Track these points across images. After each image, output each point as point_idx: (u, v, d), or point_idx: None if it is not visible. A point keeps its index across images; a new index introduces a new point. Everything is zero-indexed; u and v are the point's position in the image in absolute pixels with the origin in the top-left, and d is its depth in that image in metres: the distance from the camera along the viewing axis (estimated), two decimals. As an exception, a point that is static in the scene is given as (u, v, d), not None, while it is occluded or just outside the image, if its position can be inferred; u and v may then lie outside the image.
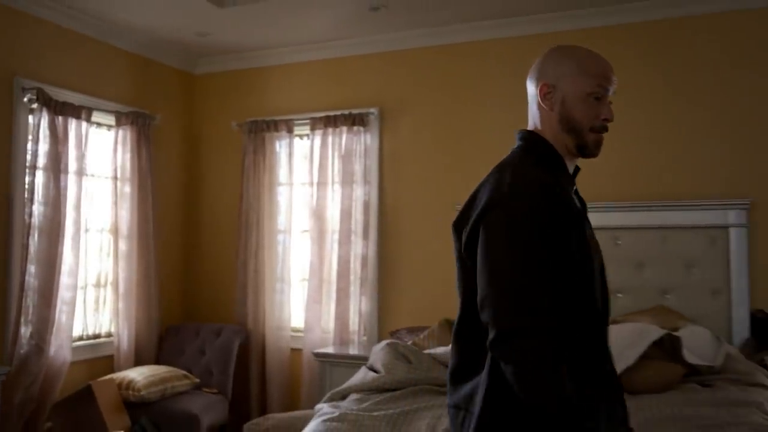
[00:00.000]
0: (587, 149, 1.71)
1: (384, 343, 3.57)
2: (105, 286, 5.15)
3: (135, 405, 4.53)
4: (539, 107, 1.77)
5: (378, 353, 3.44)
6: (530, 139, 1.77)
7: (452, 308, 4.77)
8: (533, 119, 1.80)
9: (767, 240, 4.25)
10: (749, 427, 2.54)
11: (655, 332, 3.23)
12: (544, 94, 1.75)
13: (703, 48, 4.48)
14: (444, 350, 3.46)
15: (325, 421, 2.79)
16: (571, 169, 1.77)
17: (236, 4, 4.66)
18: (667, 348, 3.21)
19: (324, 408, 2.99)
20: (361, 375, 3.34)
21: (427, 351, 3.49)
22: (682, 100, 4.50)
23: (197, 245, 5.90)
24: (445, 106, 5.13)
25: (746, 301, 4.20)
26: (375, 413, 2.80)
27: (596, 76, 1.70)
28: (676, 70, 4.51)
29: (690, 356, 3.26)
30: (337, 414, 2.83)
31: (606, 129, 1.71)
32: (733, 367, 3.32)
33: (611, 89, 1.71)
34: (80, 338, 4.90)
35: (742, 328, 4.17)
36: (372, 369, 3.37)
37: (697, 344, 3.43)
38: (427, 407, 2.85)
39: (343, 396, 3.17)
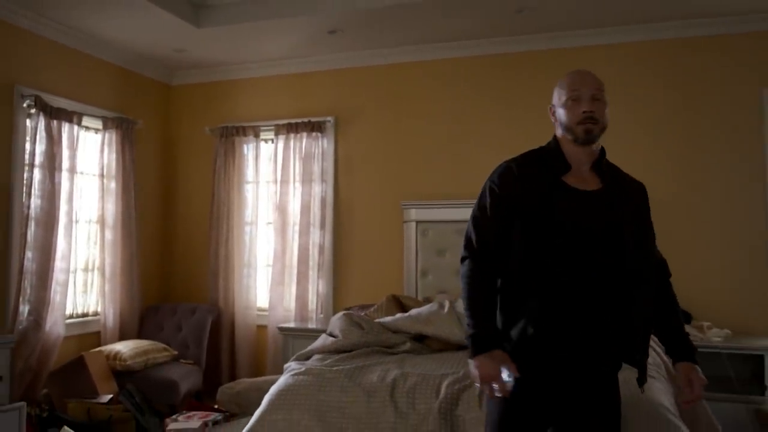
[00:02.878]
0: (579, 138, 2.07)
1: (341, 313, 3.78)
2: (92, 270, 5.18)
3: (121, 374, 4.61)
4: (553, 122, 2.18)
5: (336, 322, 3.66)
6: (550, 141, 2.18)
7: (396, 287, 5.09)
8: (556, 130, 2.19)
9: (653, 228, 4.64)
10: (626, 371, 2.85)
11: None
12: (551, 114, 2.17)
13: (598, 73, 4.84)
14: (390, 319, 3.69)
15: (293, 375, 3.02)
16: (585, 155, 2.11)
17: (211, 25, 4.77)
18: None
19: (292, 365, 3.21)
20: (322, 340, 3.54)
21: (377, 320, 3.70)
22: None
23: (174, 235, 5.92)
24: (391, 117, 5.30)
25: None
26: (335, 368, 3.02)
27: (568, 86, 2.10)
28: None
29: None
30: (303, 369, 3.05)
31: (591, 119, 2.05)
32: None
33: (585, 91, 2.07)
34: (71, 316, 4.93)
35: None
36: (331, 335, 3.56)
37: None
38: (378, 363, 3.09)
39: (307, 357, 3.36)
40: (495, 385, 1.94)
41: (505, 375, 1.93)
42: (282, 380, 3.04)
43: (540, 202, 2.01)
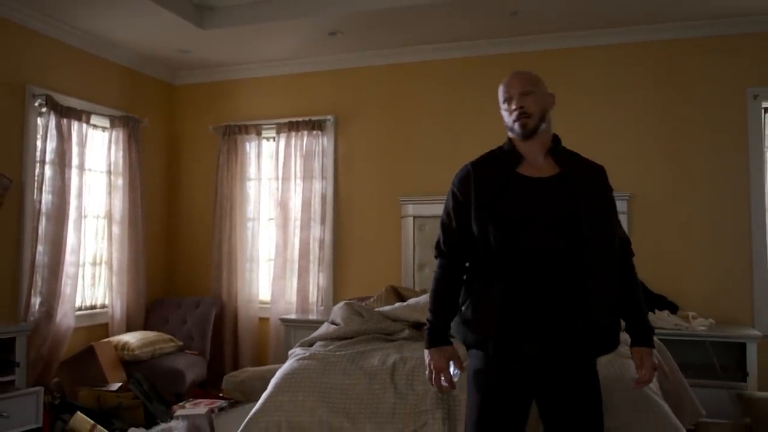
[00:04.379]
0: (519, 134, 2.19)
1: (342, 303, 3.93)
2: (100, 264, 5.30)
3: (129, 363, 4.72)
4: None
5: (337, 311, 3.81)
6: (505, 141, 2.30)
7: (394, 280, 5.22)
8: None
9: (642, 224, 4.78)
10: (612, 354, 2.99)
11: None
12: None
13: (583, 74, 4.99)
14: (389, 308, 3.84)
15: (298, 359, 3.16)
16: (536, 147, 2.20)
17: (215, 27, 4.90)
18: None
19: (296, 351, 3.34)
20: (324, 328, 3.69)
21: (376, 309, 3.84)
22: (575, 117, 4.95)
23: (178, 230, 6.03)
24: (390, 115, 5.43)
25: None
26: (338, 353, 3.16)
27: (501, 91, 2.25)
28: (573, 94, 4.97)
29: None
30: (308, 354, 3.20)
31: (523, 114, 2.16)
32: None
33: (514, 91, 2.20)
34: (80, 308, 5.04)
35: None
36: (333, 323, 3.71)
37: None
38: (378, 348, 3.24)
39: (311, 344, 3.51)
40: (442, 376, 2.13)
41: (451, 369, 2.12)
42: (287, 365, 3.18)
43: (495, 195, 2.13)
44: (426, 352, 2.19)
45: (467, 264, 2.23)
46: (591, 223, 2.09)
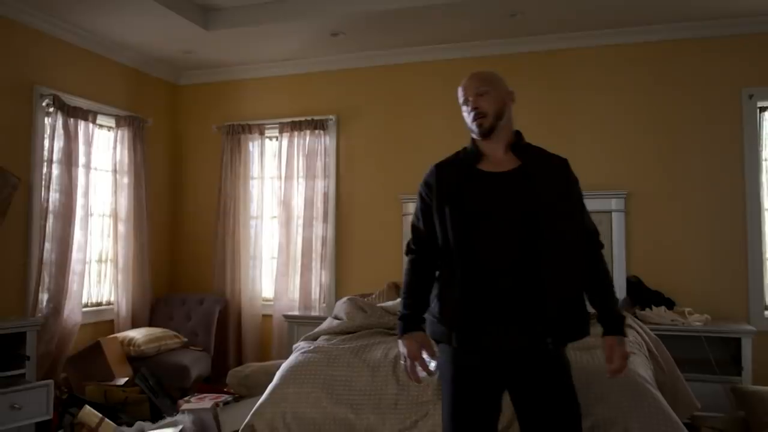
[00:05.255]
0: (477, 133, 2.26)
1: (345, 298, 4.02)
2: (106, 262, 5.37)
3: (135, 359, 4.79)
4: None
5: (341, 306, 3.89)
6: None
7: (395, 276, 5.28)
8: None
9: (639, 222, 4.86)
10: None
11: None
12: None
13: (581, 75, 5.07)
14: (391, 303, 3.92)
15: (303, 353, 3.25)
16: (496, 144, 2.26)
17: (219, 28, 4.97)
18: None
19: (301, 345, 3.44)
20: (328, 322, 3.77)
21: (378, 304, 3.92)
22: (574, 117, 5.04)
23: (183, 228, 6.10)
24: (391, 115, 5.50)
25: (623, 270, 4.77)
26: (341, 347, 3.26)
27: (459, 94, 2.31)
28: (572, 94, 5.06)
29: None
30: (312, 347, 3.30)
31: (479, 115, 2.22)
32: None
33: (469, 93, 2.27)
34: (86, 305, 5.09)
35: (620, 290, 4.68)
36: (336, 318, 3.80)
37: (583, 298, 3.99)
38: (381, 342, 3.32)
39: (315, 338, 3.60)
40: (417, 363, 2.19)
41: (425, 355, 2.18)
42: (293, 358, 3.27)
43: (454, 192, 2.20)
44: (399, 342, 2.24)
45: (438, 261, 2.28)
46: (549, 215, 2.11)
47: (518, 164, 2.22)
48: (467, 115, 2.28)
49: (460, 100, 2.31)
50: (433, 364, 2.18)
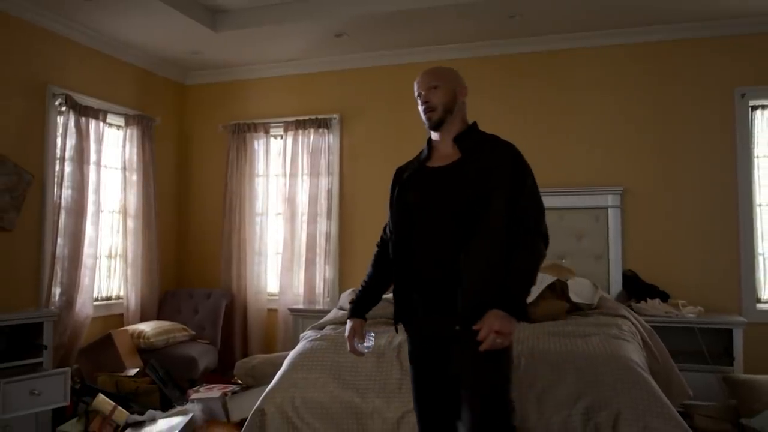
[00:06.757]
0: (427, 127, 2.43)
1: (350, 290, 4.16)
2: (116, 257, 5.49)
3: (145, 351, 4.92)
4: None
5: (346, 297, 4.03)
6: None
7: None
8: None
9: (634, 217, 4.98)
10: (604, 335, 3.21)
11: (549, 279, 3.86)
12: None
13: (578, 75, 5.19)
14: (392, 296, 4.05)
15: (311, 341, 3.38)
16: (445, 137, 2.40)
17: (227, 29, 5.10)
18: (557, 290, 3.85)
19: (309, 333, 3.57)
20: (333, 313, 3.90)
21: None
22: (571, 115, 5.16)
23: (190, 225, 6.21)
24: (392, 114, 5.60)
25: (620, 264, 4.91)
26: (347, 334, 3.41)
27: (414, 89, 2.44)
28: (569, 93, 5.19)
29: (574, 297, 3.93)
30: (319, 335, 3.43)
31: (428, 109, 2.36)
32: (605, 305, 4.01)
33: (421, 89, 2.40)
34: (96, 299, 5.21)
35: (617, 284, 4.87)
36: (341, 309, 3.94)
37: (580, 289, 4.10)
38: (385, 331, 3.41)
39: (322, 327, 3.72)
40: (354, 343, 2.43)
41: (355, 341, 2.45)
42: (300, 345, 3.40)
43: (401, 189, 2.39)
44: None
45: None
46: (475, 208, 2.16)
47: (458, 157, 2.32)
48: (419, 110, 2.42)
49: (415, 94, 2.45)
50: (362, 347, 2.44)
